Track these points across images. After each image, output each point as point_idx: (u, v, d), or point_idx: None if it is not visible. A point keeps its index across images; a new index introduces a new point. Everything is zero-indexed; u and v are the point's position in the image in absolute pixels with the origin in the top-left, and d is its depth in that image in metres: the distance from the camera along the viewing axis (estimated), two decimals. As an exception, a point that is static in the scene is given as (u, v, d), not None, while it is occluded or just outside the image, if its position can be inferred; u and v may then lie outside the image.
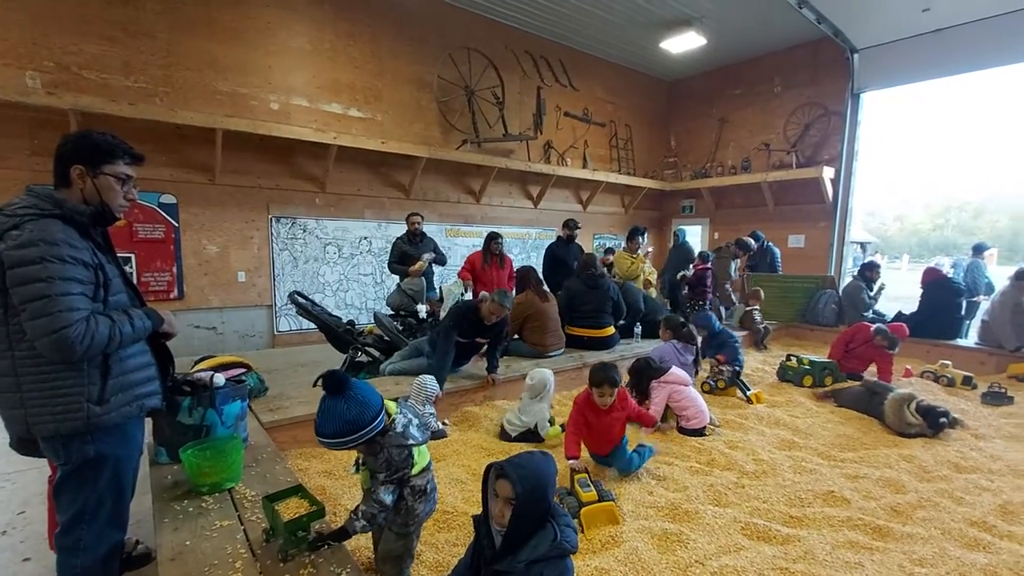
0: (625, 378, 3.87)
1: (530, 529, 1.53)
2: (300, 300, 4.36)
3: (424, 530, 2.40)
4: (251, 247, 6.23)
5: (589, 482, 2.69)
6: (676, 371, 3.90)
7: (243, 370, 3.12)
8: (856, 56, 8.15)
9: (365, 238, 6.88)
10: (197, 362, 3.05)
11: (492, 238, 5.69)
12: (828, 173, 8.34)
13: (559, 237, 6.54)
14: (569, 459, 2.84)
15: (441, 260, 5.95)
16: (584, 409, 2.97)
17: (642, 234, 6.92)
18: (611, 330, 5.42)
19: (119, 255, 2.14)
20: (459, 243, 7.63)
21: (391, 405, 1.86)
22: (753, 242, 7.68)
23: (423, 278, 5.48)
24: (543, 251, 6.75)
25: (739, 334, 6.65)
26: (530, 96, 8.25)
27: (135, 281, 5.35)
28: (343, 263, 6.76)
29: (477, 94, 7.49)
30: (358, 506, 1.76)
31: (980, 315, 6.21)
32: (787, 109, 8.91)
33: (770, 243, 8.25)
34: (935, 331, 6.34)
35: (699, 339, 4.68)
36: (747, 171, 9.23)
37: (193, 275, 5.89)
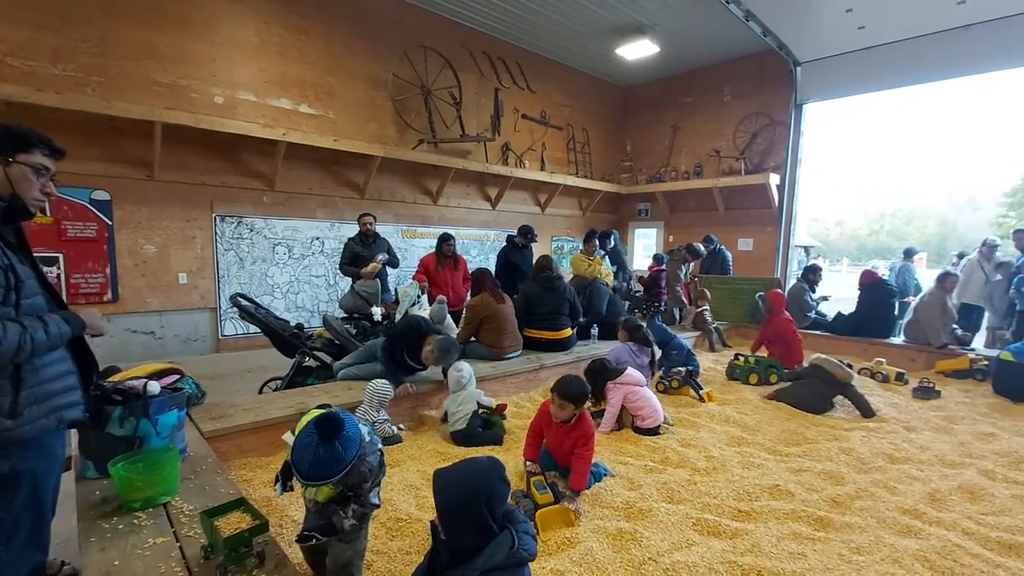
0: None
1: (474, 539, 1.50)
2: (242, 302, 4.16)
3: (376, 538, 2.33)
4: (193, 247, 5.92)
5: (545, 484, 2.68)
6: (631, 372, 3.95)
7: (177, 376, 2.94)
8: (799, 69, 8.56)
9: (317, 238, 6.67)
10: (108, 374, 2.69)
11: (444, 240, 5.63)
12: (774, 180, 8.71)
13: (511, 240, 6.54)
14: (526, 462, 2.82)
15: (394, 262, 5.83)
16: (543, 414, 2.96)
17: (605, 236, 7.01)
18: (568, 332, 5.45)
19: (44, 255, 1.98)
20: (416, 244, 7.52)
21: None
22: (703, 248, 7.92)
23: (377, 280, 5.36)
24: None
25: (693, 335, 6.87)
26: (488, 97, 8.24)
27: (63, 283, 5.06)
28: (294, 264, 6.53)
29: (434, 94, 7.41)
30: (346, 506, 1.75)
31: (908, 315, 6.63)
32: (736, 117, 9.26)
33: (722, 247, 8.54)
34: (871, 330, 6.73)
35: (655, 347, 4.77)
36: (699, 176, 9.53)
37: (129, 276, 5.54)
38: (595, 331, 5.97)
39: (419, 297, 5.35)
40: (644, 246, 10.87)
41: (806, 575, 2.17)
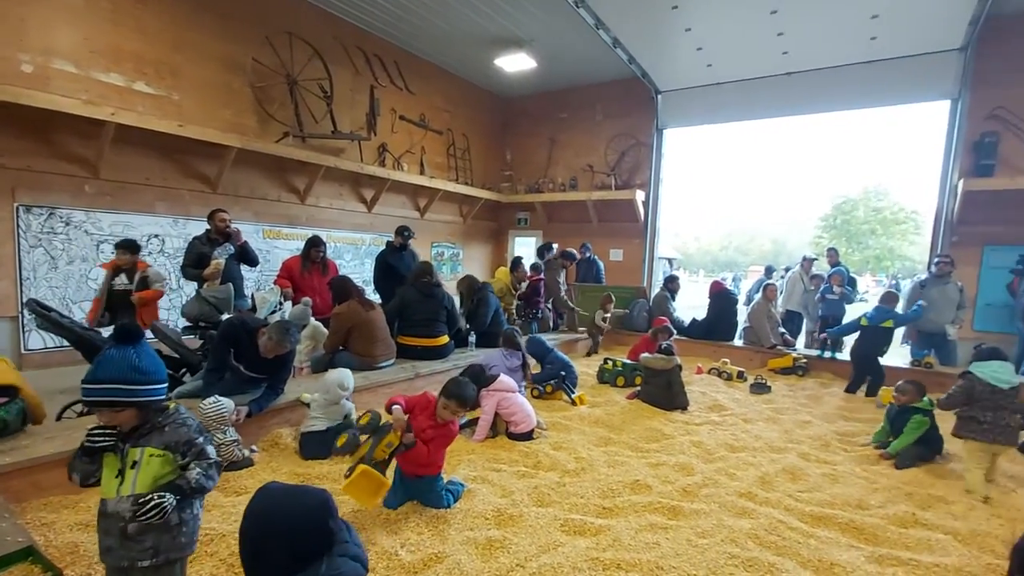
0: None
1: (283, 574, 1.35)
2: (39, 310, 3.47)
3: (224, 564, 2.11)
4: (-14, 242, 4.83)
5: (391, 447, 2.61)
6: (504, 379, 3.96)
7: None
8: (660, 97, 9.40)
9: (156, 236, 5.80)
10: None
11: (313, 244, 5.22)
12: (640, 196, 9.44)
13: (390, 244, 6.30)
14: (392, 406, 2.73)
15: (251, 259, 5.25)
16: (428, 404, 2.83)
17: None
18: (445, 339, 5.34)
19: None
20: (280, 246, 6.88)
21: None
22: (576, 253, 8.30)
23: (230, 284, 4.78)
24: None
25: (572, 337, 7.14)
26: (363, 95, 7.87)
27: None
28: (126, 265, 5.61)
29: (301, 84, 6.88)
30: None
31: (743, 322, 7.57)
32: (607, 136, 9.90)
33: (595, 256, 9.04)
34: (719, 334, 7.55)
35: (525, 353, 4.83)
36: (575, 189, 10.01)
37: None
38: (472, 339, 5.92)
39: (280, 304, 4.89)
40: (525, 255, 11.13)
41: (659, 562, 2.29)
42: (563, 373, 5.11)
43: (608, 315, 7.44)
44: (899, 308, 5.99)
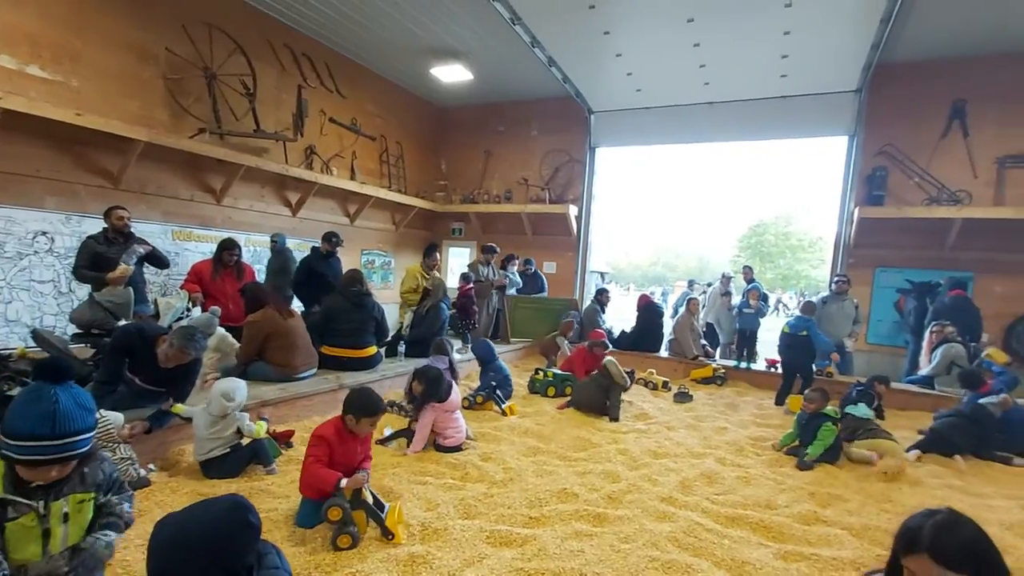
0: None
1: None
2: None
3: None
4: None
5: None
6: (454, 398, 3.92)
7: None
8: (592, 116, 9.73)
9: (44, 233, 5.17)
10: None
11: (225, 248, 4.87)
12: (573, 211, 9.66)
13: (316, 250, 6.02)
14: (335, 486, 2.50)
15: (160, 261, 4.82)
16: (332, 438, 2.66)
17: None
18: (373, 350, 5.17)
19: None
20: (191, 248, 6.35)
21: None
22: (497, 247, 8.34)
23: (129, 288, 4.35)
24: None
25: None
26: (290, 94, 7.53)
27: None
28: (5, 264, 4.96)
29: (220, 79, 6.47)
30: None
31: (668, 333, 7.92)
32: (542, 151, 10.08)
33: (539, 271, 9.14)
34: (645, 345, 7.84)
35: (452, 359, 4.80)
36: (510, 201, 10.09)
37: None
38: (402, 348, 5.77)
39: (188, 310, 4.51)
40: (460, 264, 11.04)
41: (582, 569, 2.29)
42: (494, 383, 5.08)
43: (567, 341, 7.50)
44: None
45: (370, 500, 2.56)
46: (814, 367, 6.28)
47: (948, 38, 6.71)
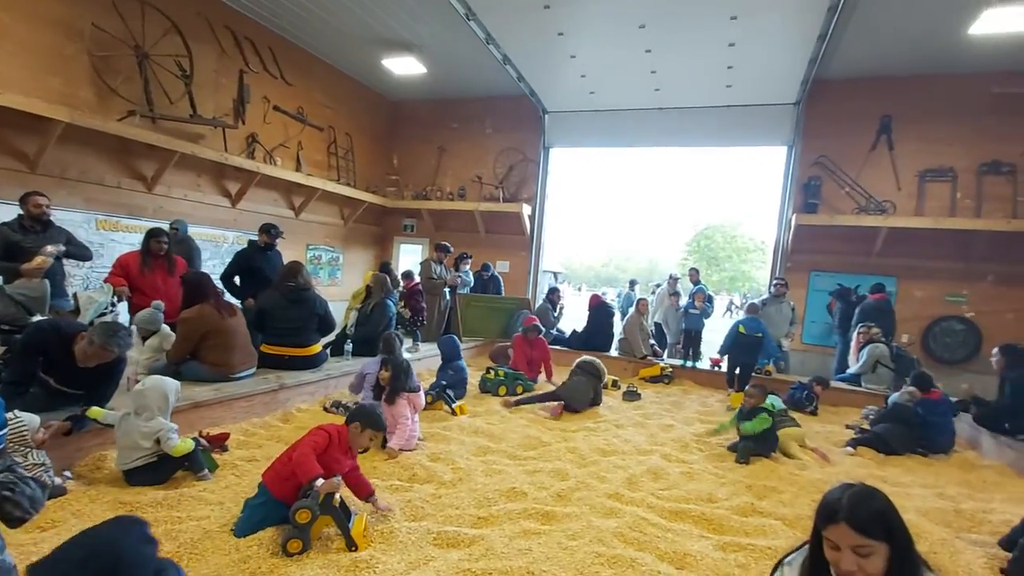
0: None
1: None
2: None
3: None
4: None
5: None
6: (422, 395, 3.93)
7: None
8: (547, 117, 9.79)
9: (-53, 220, 4.69)
10: None
11: (152, 235, 4.54)
12: (526, 210, 9.70)
13: (253, 243, 5.72)
14: (310, 480, 2.39)
15: (81, 253, 4.45)
16: (333, 438, 2.60)
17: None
18: (317, 348, 4.96)
19: None
20: (118, 239, 5.91)
21: None
22: (450, 246, 8.25)
23: (46, 281, 3.99)
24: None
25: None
26: (230, 78, 7.14)
27: None
28: None
29: (153, 59, 6.05)
30: None
31: (619, 333, 8.08)
32: (496, 149, 10.05)
33: (496, 272, 9.14)
34: (596, 344, 7.95)
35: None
36: (463, 199, 10.00)
37: None
38: (349, 347, 5.58)
39: (113, 306, 4.18)
40: (411, 262, 10.85)
41: (530, 567, 2.28)
42: (444, 383, 5.00)
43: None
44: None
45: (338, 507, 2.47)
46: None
47: (877, 58, 7.18)
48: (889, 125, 7.76)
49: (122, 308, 4.35)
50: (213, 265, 6.99)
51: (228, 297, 4.82)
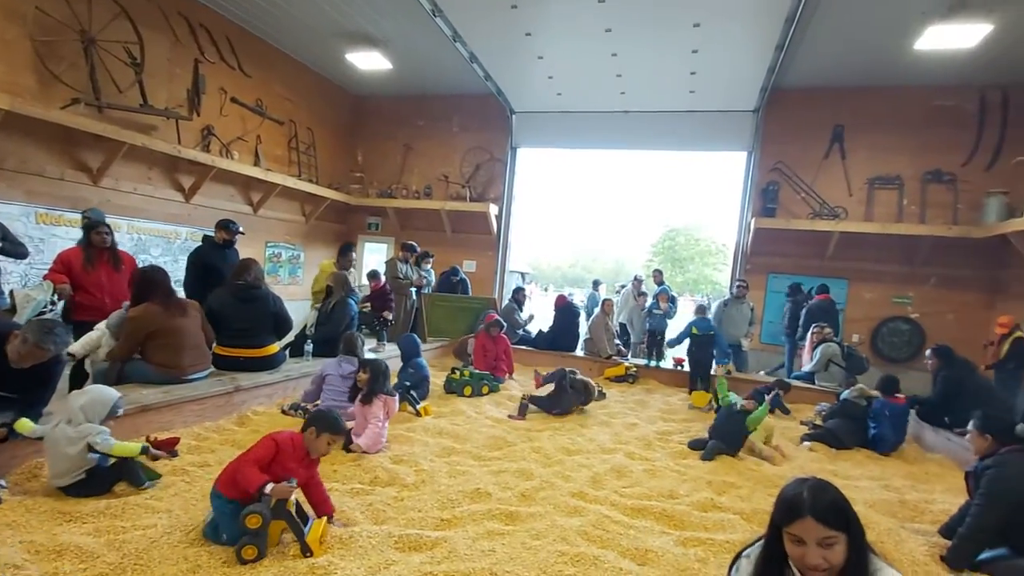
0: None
1: None
2: None
3: None
4: None
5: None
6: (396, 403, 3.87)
7: None
8: (514, 116, 9.79)
9: None
10: None
11: (92, 227, 4.27)
12: (493, 210, 9.67)
13: (208, 239, 5.49)
14: (258, 489, 2.28)
15: (16, 250, 4.17)
16: (284, 446, 2.47)
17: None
18: (274, 348, 4.77)
19: None
20: (60, 234, 5.55)
21: None
22: (417, 245, 8.14)
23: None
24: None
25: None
26: (184, 68, 6.83)
27: None
28: None
29: (100, 45, 5.74)
30: None
31: (584, 333, 8.15)
32: (463, 148, 9.99)
33: (464, 275, 9.05)
34: (562, 344, 8.00)
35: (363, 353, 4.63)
36: (429, 197, 9.90)
37: None
38: (309, 347, 5.43)
39: (52, 304, 3.94)
40: (376, 261, 10.67)
41: (493, 568, 2.26)
42: (408, 383, 4.92)
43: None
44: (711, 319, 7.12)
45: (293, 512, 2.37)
46: (715, 364, 6.77)
47: (831, 69, 7.49)
48: (841, 134, 8.10)
49: (60, 307, 4.09)
50: (165, 262, 6.69)
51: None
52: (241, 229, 5.56)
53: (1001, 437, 2.86)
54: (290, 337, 5.47)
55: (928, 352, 5.32)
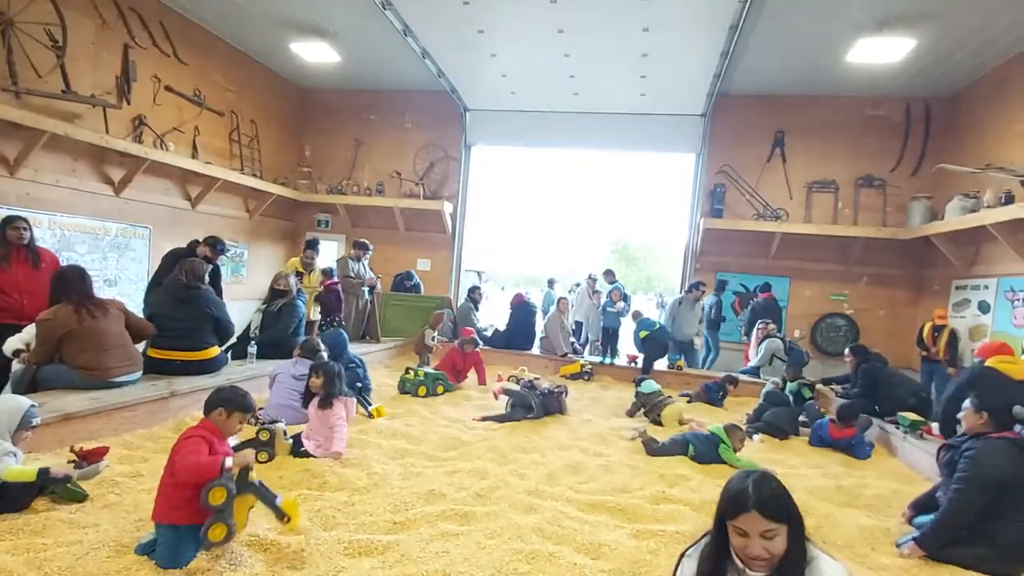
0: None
1: None
2: None
3: None
4: None
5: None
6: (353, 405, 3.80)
7: None
8: (468, 114, 9.71)
9: None
10: None
11: (9, 222, 3.95)
12: (448, 208, 9.54)
13: (194, 244, 5.23)
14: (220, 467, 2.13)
15: None
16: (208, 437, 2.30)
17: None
18: (214, 351, 4.52)
19: None
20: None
21: None
22: (370, 244, 7.91)
23: None
24: (128, 252, 5.21)
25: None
26: (113, 53, 6.35)
27: None
28: None
29: (18, 27, 5.27)
30: None
31: (540, 331, 8.20)
32: (416, 145, 9.82)
33: (418, 280, 8.99)
34: (518, 343, 8.01)
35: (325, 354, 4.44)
36: (381, 194, 9.66)
37: None
38: (253, 349, 5.18)
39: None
40: (326, 259, 10.32)
41: (446, 569, 2.22)
42: (358, 384, 4.77)
43: (436, 334, 7.22)
44: (662, 319, 7.55)
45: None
46: (667, 360, 7.01)
47: (773, 77, 7.84)
48: (782, 139, 8.50)
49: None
50: (92, 260, 6.22)
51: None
52: (227, 250, 5.26)
53: (997, 416, 2.86)
54: (233, 339, 5.21)
55: (846, 352, 5.83)
